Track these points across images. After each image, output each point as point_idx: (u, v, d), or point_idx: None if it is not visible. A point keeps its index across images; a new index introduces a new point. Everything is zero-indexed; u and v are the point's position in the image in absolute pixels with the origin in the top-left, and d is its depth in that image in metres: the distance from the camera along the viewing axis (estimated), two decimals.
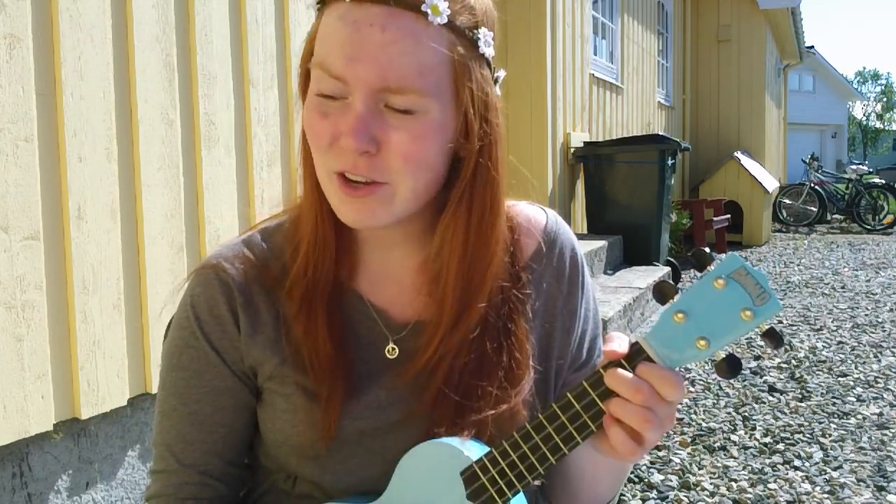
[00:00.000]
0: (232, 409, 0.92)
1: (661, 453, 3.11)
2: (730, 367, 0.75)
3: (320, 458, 0.89)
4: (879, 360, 4.48)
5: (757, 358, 4.51)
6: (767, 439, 3.27)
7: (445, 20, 0.79)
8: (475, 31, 0.83)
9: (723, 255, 0.74)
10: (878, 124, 50.62)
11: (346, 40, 0.79)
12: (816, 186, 13.26)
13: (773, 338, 0.74)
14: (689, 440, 3.26)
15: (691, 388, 3.96)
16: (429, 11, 0.79)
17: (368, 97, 0.79)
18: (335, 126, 0.81)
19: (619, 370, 0.76)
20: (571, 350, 0.99)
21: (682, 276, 6.76)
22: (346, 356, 0.90)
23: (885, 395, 3.84)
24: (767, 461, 3.04)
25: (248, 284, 0.91)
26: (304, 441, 0.89)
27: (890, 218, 12.83)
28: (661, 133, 7.47)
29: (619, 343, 0.78)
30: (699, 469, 2.97)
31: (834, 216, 14.01)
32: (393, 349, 0.91)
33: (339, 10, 0.80)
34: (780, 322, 5.50)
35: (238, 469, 0.96)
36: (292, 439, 0.90)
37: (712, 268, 0.74)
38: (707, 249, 0.75)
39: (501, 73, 0.89)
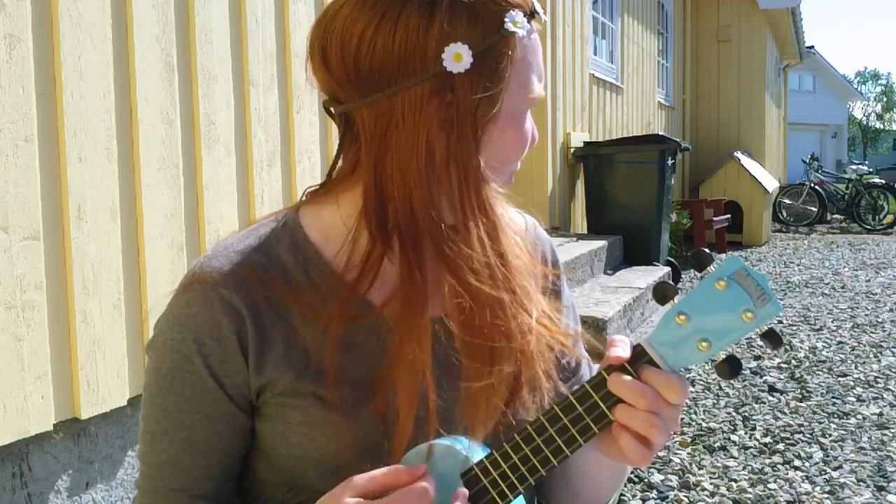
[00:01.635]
0: (227, 433, 0.87)
1: (661, 453, 3.11)
2: (730, 367, 0.75)
3: (342, 468, 0.84)
4: (879, 360, 4.48)
5: (757, 358, 4.51)
6: (767, 439, 3.27)
7: None
8: None
9: (723, 255, 0.74)
10: (878, 124, 50.61)
11: (538, 62, 0.90)
12: (816, 186, 13.25)
13: (773, 339, 0.74)
14: (689, 440, 3.26)
15: (691, 388, 3.96)
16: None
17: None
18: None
19: (623, 375, 0.76)
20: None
21: (682, 275, 6.76)
22: (360, 365, 0.88)
23: (885, 395, 3.84)
24: (767, 461, 3.04)
25: (253, 299, 0.85)
26: (325, 452, 0.85)
27: (890, 218, 12.82)
28: (661, 133, 7.47)
29: (621, 347, 0.78)
30: (699, 469, 2.97)
31: (834, 216, 14.01)
32: None
33: (528, 31, 0.87)
34: (780, 322, 5.50)
35: (231, 485, 0.92)
36: (311, 452, 0.86)
37: (713, 269, 0.74)
38: (707, 250, 0.75)
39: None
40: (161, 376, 0.86)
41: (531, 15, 0.87)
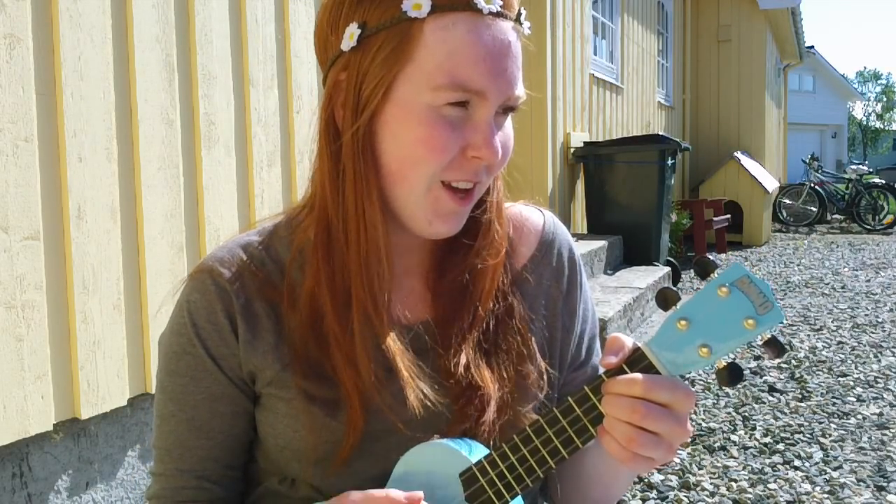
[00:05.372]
0: (230, 415, 0.92)
1: None
2: (731, 375, 0.75)
3: (322, 462, 0.89)
4: (879, 360, 4.48)
5: (757, 358, 4.51)
6: (767, 439, 3.27)
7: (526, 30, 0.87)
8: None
9: (722, 256, 0.74)
10: (878, 124, 50.62)
11: (487, 55, 0.81)
12: (816, 186, 13.25)
13: (775, 347, 0.74)
14: (689, 440, 3.26)
15: (691, 389, 3.96)
16: (522, 24, 0.85)
17: (495, 109, 0.84)
18: (463, 138, 0.82)
19: (618, 395, 0.75)
20: (571, 349, 1.00)
21: (682, 276, 6.76)
22: None
23: (885, 395, 3.84)
24: (767, 461, 3.04)
25: (246, 289, 0.90)
26: (307, 445, 0.88)
27: (890, 218, 12.82)
28: (661, 133, 7.47)
29: (620, 349, 0.78)
30: (699, 469, 2.97)
31: (834, 216, 14.00)
32: None
33: (468, 24, 0.81)
34: (780, 322, 5.50)
35: (236, 472, 0.95)
36: (294, 444, 0.89)
37: (716, 275, 0.74)
38: (711, 257, 0.75)
39: None
40: (168, 360, 0.92)
41: (470, 7, 0.80)
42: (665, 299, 0.76)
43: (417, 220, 0.86)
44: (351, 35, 0.83)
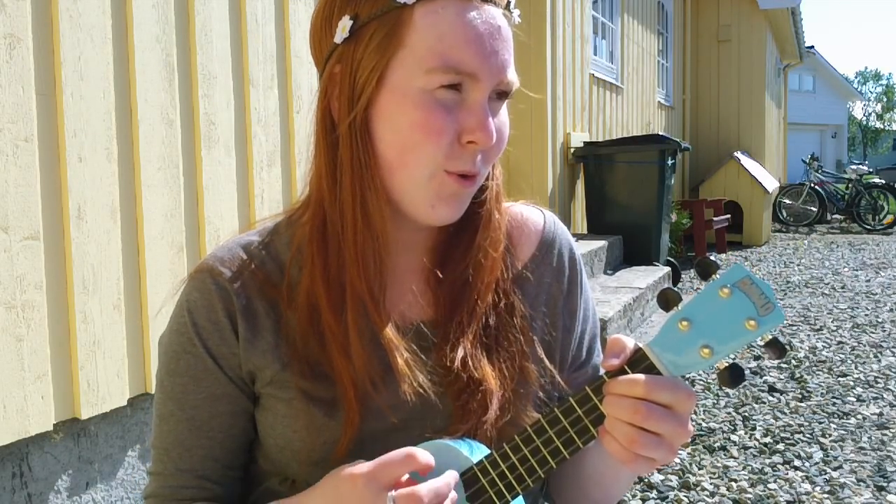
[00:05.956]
0: (229, 415, 0.91)
1: None
2: (732, 376, 0.75)
3: (321, 462, 0.88)
4: (879, 360, 4.48)
5: (757, 358, 4.51)
6: (767, 439, 3.27)
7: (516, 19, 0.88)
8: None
9: (723, 256, 0.74)
10: (878, 124, 50.64)
11: (477, 36, 0.82)
12: (816, 186, 13.26)
13: (776, 348, 0.74)
14: (690, 440, 3.26)
15: (692, 389, 3.96)
16: (512, 12, 0.87)
17: (489, 92, 0.84)
18: (457, 122, 0.83)
19: (619, 396, 0.75)
20: (572, 349, 1.00)
21: (682, 276, 6.76)
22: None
23: (885, 395, 3.84)
24: (767, 461, 3.04)
25: (246, 289, 0.90)
26: (306, 446, 0.88)
27: (890, 218, 12.82)
28: (661, 133, 7.47)
29: (621, 349, 0.78)
30: (699, 469, 2.97)
31: (834, 216, 14.01)
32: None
33: (458, 7, 0.82)
34: (781, 323, 5.50)
35: (236, 472, 0.95)
36: (294, 444, 0.89)
37: (717, 276, 0.74)
38: (713, 258, 0.75)
39: None
40: (168, 359, 0.91)
41: None
42: (666, 300, 0.76)
43: (419, 206, 0.86)
44: (343, 28, 0.84)
